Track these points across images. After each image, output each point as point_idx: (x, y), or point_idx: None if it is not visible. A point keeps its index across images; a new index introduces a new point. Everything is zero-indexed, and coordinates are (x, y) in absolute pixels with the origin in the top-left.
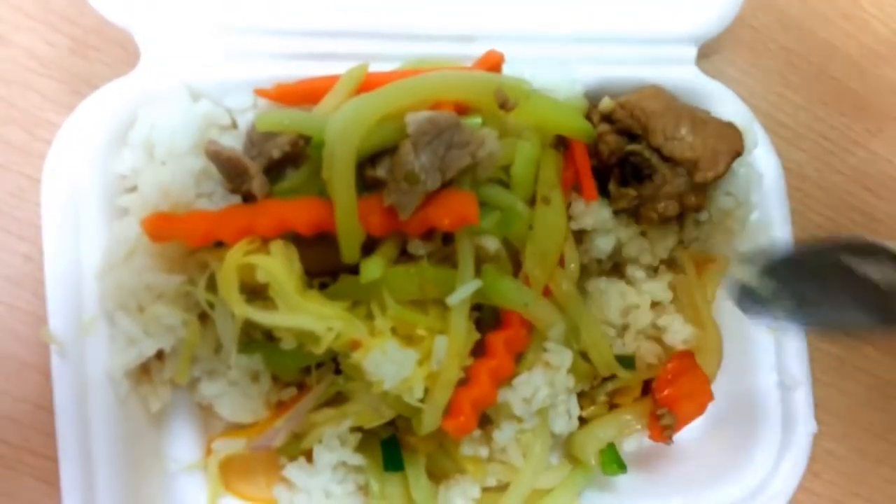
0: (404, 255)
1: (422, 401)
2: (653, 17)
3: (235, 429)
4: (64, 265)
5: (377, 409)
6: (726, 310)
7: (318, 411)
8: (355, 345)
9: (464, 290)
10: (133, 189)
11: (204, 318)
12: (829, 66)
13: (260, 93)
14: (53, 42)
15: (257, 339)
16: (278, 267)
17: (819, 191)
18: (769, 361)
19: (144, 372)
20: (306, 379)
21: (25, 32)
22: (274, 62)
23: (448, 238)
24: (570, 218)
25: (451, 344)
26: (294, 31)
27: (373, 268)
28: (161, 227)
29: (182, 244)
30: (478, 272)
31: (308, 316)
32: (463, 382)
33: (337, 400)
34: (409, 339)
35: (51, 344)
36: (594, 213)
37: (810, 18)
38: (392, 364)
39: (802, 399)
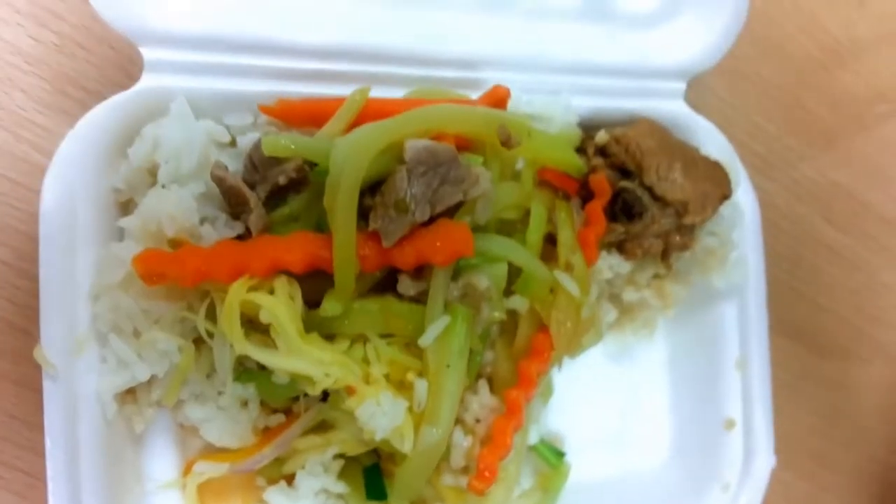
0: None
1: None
2: (645, 51)
3: (215, 449)
4: (60, 282)
5: (361, 438)
6: (694, 342)
7: (304, 438)
8: (350, 390)
9: (434, 330)
10: (128, 202)
11: (198, 341)
12: (802, 96)
13: (263, 109)
14: (39, 38)
15: (251, 368)
16: (281, 308)
17: (785, 221)
18: (735, 395)
19: (129, 392)
20: (294, 406)
21: (10, 26)
22: (275, 80)
23: None
24: None
25: (432, 389)
26: (297, 49)
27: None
28: (153, 267)
29: None
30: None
31: (307, 360)
32: (486, 441)
33: (322, 426)
34: (401, 385)
35: (43, 365)
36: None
37: (789, 48)
38: (385, 416)
39: (763, 434)
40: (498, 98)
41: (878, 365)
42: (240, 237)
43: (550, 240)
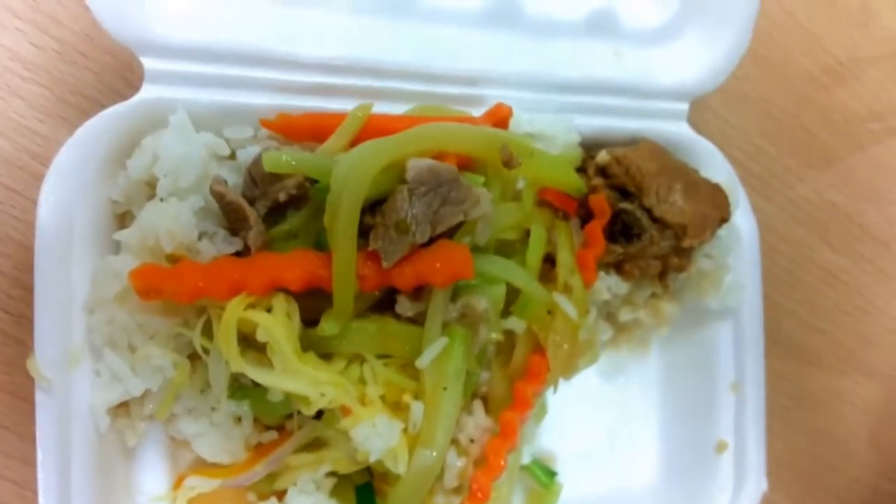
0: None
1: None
2: (648, 71)
3: (207, 463)
4: (55, 294)
5: (354, 457)
6: (688, 363)
7: (296, 455)
8: (346, 411)
9: (431, 351)
10: (125, 214)
11: (193, 356)
12: (802, 117)
13: (265, 123)
14: (39, 44)
15: (246, 384)
16: (278, 327)
17: (783, 243)
18: (727, 417)
19: (122, 405)
20: (287, 422)
21: (10, 31)
22: (276, 94)
23: None
24: None
25: (427, 411)
26: (298, 63)
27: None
28: (150, 282)
29: None
30: (470, 331)
31: (303, 380)
32: (479, 462)
33: (314, 443)
34: (397, 406)
35: (36, 378)
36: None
37: (791, 70)
38: (380, 438)
39: (755, 457)
40: (500, 117)
41: (870, 388)
42: (238, 253)
43: (549, 259)
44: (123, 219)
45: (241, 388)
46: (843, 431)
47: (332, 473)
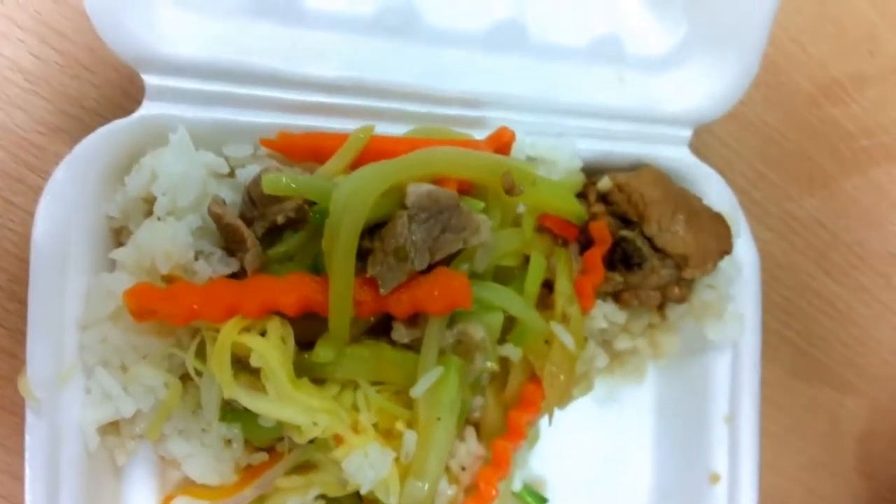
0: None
1: None
2: (653, 96)
3: (195, 483)
4: (48, 314)
5: (344, 482)
6: (684, 391)
7: (286, 477)
8: (338, 440)
9: (426, 381)
10: (121, 229)
11: (185, 377)
12: (805, 144)
13: (265, 143)
14: (42, 56)
15: (238, 408)
16: (273, 352)
17: (781, 271)
18: (721, 449)
19: (112, 424)
20: (277, 444)
21: (12, 42)
22: (277, 112)
23: None
24: None
25: (420, 442)
26: (300, 82)
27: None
28: (144, 303)
29: None
30: (465, 359)
31: (295, 408)
32: (470, 489)
33: (304, 465)
34: (389, 434)
35: (27, 398)
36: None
37: (795, 96)
38: (371, 468)
39: (749, 490)
40: (503, 141)
41: (865, 419)
42: (234, 274)
43: (547, 284)
44: (120, 234)
45: (232, 410)
46: (837, 463)
47: (322, 497)
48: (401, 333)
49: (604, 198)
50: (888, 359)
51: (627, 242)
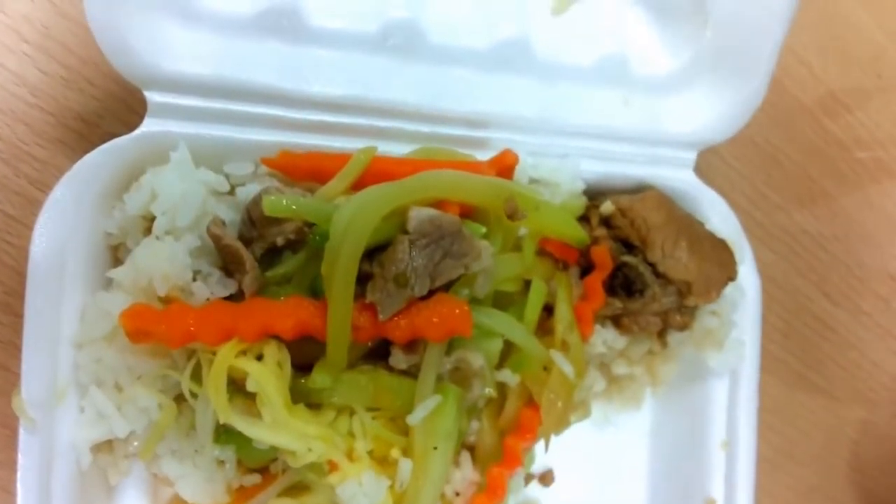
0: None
1: None
2: (658, 118)
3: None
4: (44, 333)
5: (335, 503)
6: (681, 416)
7: (278, 499)
8: (333, 466)
9: (424, 409)
10: (119, 247)
11: (179, 398)
12: (809, 166)
13: (266, 162)
14: (47, 71)
15: (232, 430)
16: (269, 377)
17: (781, 293)
18: (717, 475)
19: (105, 442)
20: (271, 466)
21: (17, 56)
22: (279, 131)
23: None
24: None
25: (416, 471)
26: (302, 100)
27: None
28: (139, 325)
29: None
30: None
31: (291, 435)
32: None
33: (297, 487)
34: (384, 461)
35: (21, 417)
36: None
37: (800, 118)
38: (365, 497)
39: None
40: (506, 164)
41: (862, 443)
42: (232, 296)
43: (546, 307)
44: (118, 250)
45: (226, 432)
46: (833, 487)
47: None
48: (399, 359)
49: (606, 221)
50: (886, 382)
51: (629, 268)
